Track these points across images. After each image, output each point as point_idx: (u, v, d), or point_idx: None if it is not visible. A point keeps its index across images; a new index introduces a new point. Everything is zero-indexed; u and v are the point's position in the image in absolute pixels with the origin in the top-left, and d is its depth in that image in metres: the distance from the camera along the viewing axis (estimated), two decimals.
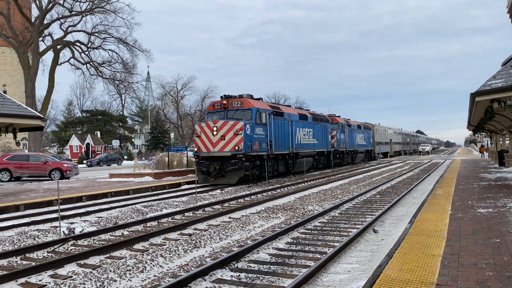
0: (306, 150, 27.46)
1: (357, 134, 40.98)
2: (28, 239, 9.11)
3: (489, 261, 5.46)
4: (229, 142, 19.64)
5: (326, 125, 31.89)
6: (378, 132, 53.87)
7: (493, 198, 11.51)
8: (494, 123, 23.54)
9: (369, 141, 46.74)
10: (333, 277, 6.12)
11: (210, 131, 20.02)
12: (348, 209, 12.37)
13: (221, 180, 19.63)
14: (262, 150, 21.05)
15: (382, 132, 56.79)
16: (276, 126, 22.81)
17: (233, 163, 19.42)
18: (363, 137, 43.77)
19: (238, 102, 21.20)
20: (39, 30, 41.75)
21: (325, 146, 31.52)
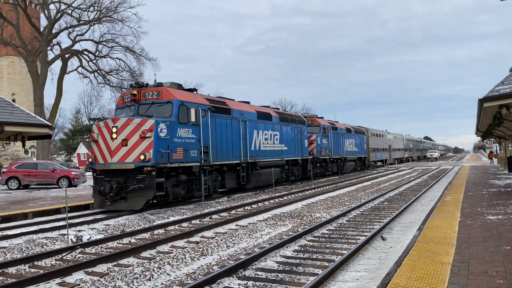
0: (270, 159, 21.76)
1: (346, 139, 35.36)
2: (37, 247, 9.15)
3: (499, 269, 5.39)
4: (132, 149, 13.69)
5: (301, 127, 26.04)
6: (374, 137, 47.97)
7: (503, 204, 11.38)
8: (502, 129, 23.33)
9: (362, 147, 40.80)
10: (341, 285, 6.07)
11: (108, 133, 14.04)
12: (356, 216, 12.29)
13: (122, 205, 13.69)
14: (191, 159, 15.26)
15: (378, 137, 50.69)
16: (217, 127, 17.23)
17: (139, 179, 13.60)
18: (354, 142, 37.87)
19: (154, 92, 15.18)
20: (47, 40, 42.33)
21: (299, 153, 25.59)
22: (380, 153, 50.50)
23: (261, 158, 20.88)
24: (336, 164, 33.33)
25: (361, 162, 41.36)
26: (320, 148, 29.19)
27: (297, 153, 25.31)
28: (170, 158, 14.20)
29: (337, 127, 33.79)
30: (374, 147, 47.06)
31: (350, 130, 37.13)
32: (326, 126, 30.96)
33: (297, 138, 25.40)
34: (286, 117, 24.70)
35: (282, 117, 24.00)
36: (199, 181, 15.82)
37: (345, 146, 35.12)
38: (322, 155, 29.67)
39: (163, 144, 13.98)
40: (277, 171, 22.70)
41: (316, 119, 30.81)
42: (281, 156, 23.33)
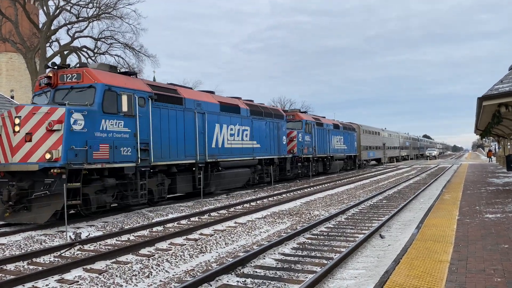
0: (236, 158, 18.71)
1: (333, 136, 32.01)
2: (35, 243, 9.16)
3: (497, 267, 5.41)
4: (38, 145, 10.90)
5: (278, 122, 22.98)
6: (366, 134, 44.08)
7: (501, 203, 11.41)
8: (501, 128, 23.36)
9: (351, 145, 37.21)
10: (339, 283, 6.08)
11: (11, 125, 11.20)
12: (354, 214, 12.31)
13: (24, 217, 10.86)
14: (121, 159, 12.38)
15: (371, 134, 46.73)
16: (163, 120, 14.32)
17: (47, 184, 10.86)
18: (343, 140, 34.46)
19: (74, 74, 12.21)
20: (46, 36, 42.25)
21: (276, 151, 22.42)
22: (373, 151, 46.80)
23: (224, 157, 17.77)
24: (321, 163, 30.30)
25: (351, 161, 37.98)
26: (301, 145, 25.94)
27: (273, 151, 22.14)
28: (89, 157, 11.38)
29: (323, 122, 30.32)
30: (366, 145, 43.40)
31: (338, 126, 33.80)
32: (309, 121, 27.63)
33: (273, 134, 22.27)
34: (259, 110, 21.40)
35: (253, 110, 20.75)
36: (135, 186, 13.04)
37: (332, 143, 31.65)
38: (304, 153, 26.34)
39: (79, 139, 11.19)
40: (247, 172, 19.78)
41: (298, 113, 27.49)
42: (252, 154, 20.15)
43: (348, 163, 36.92)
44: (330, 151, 31.19)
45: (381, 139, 51.18)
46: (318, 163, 29.80)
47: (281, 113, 23.93)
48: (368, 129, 45.50)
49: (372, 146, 46.13)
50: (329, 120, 33.41)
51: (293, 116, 26.87)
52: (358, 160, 39.93)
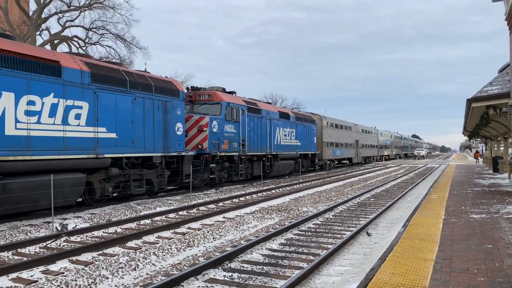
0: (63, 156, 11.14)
1: (279, 129, 24.50)
2: (20, 234, 9.06)
3: (481, 267, 5.49)
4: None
5: (167, 101, 15.21)
6: (331, 129, 36.35)
7: (487, 204, 11.57)
8: (489, 129, 23.69)
9: (310, 141, 29.40)
10: (325, 279, 6.12)
11: None
12: (342, 211, 12.38)
13: None
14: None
15: (339, 129, 38.72)
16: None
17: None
18: (295, 133, 26.90)
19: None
20: (36, 24, 41.61)
21: (161, 146, 14.86)
22: (342, 149, 39.25)
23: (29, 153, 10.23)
24: (258, 163, 22.06)
25: (308, 160, 30.09)
26: (218, 138, 18.01)
27: (157, 146, 14.56)
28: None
29: (261, 108, 22.54)
30: (331, 141, 35.82)
31: (286, 115, 26.02)
32: (235, 105, 19.66)
33: (154, 120, 14.50)
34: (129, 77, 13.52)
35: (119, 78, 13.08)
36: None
37: (277, 137, 24.09)
38: (223, 149, 18.46)
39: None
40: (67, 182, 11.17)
41: (216, 93, 19.07)
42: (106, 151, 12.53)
43: (304, 163, 29.15)
44: (272, 148, 23.34)
45: (353, 135, 43.68)
46: (253, 163, 21.83)
47: (174, 88, 15.83)
48: (334, 122, 37.82)
49: (340, 143, 38.60)
50: (274, 106, 26.45)
51: (209, 97, 18.85)
52: (319, 160, 32.47)
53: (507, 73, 13.15)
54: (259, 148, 22.15)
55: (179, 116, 15.98)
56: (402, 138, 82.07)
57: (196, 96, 19.13)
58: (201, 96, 19.08)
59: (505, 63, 14.79)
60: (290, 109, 30.12)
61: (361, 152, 47.21)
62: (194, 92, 19.38)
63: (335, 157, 37.44)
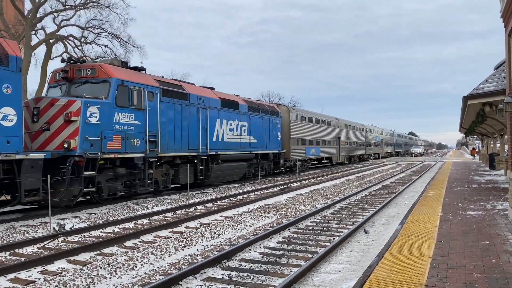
0: None
1: (225, 121, 19.09)
2: (18, 234, 9.03)
3: (477, 263, 5.52)
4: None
5: None
6: (302, 123, 29.60)
7: (483, 200, 11.63)
8: (485, 126, 23.78)
9: (271, 138, 23.75)
10: (323, 276, 6.14)
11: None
12: (339, 209, 12.42)
13: None
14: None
15: (312, 124, 31.91)
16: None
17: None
18: (249, 128, 21.27)
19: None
20: (31, 24, 41.40)
21: None
22: (318, 147, 32.59)
23: None
24: (185, 168, 15.93)
25: (269, 161, 24.12)
26: (100, 133, 12.33)
27: None
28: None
29: (188, 93, 16.53)
30: (303, 138, 29.29)
31: (233, 104, 20.13)
32: (136, 85, 13.63)
33: None
34: None
35: None
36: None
37: (218, 132, 18.48)
38: (111, 149, 12.67)
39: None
40: None
41: (103, 66, 13.34)
42: None
43: (264, 165, 23.41)
44: (209, 146, 17.72)
45: (333, 131, 37.54)
46: (177, 168, 16.00)
47: None
48: (306, 115, 31.08)
49: (315, 140, 31.80)
50: (213, 92, 19.31)
51: (93, 72, 13.13)
52: (285, 160, 26.40)
53: (502, 70, 13.20)
54: (186, 146, 16.25)
55: (6, 96, 10.07)
56: (394, 134, 73.92)
57: (75, 72, 13.12)
58: (82, 72, 13.13)
59: (501, 60, 14.85)
60: (240, 96, 22.41)
61: (343, 151, 40.76)
62: (72, 65, 13.23)
63: (309, 156, 30.82)
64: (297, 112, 29.59)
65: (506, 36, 8.76)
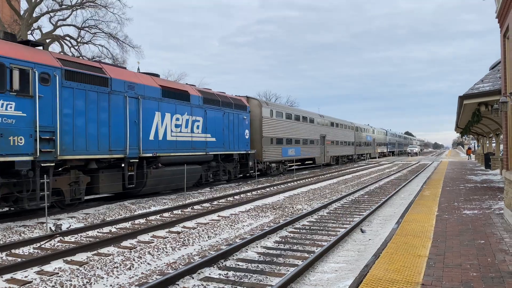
0: None
1: (169, 115, 15.76)
2: (14, 234, 9.01)
3: (473, 262, 5.55)
4: None
5: None
6: (277, 120, 25.87)
7: (479, 200, 11.69)
8: (481, 126, 23.89)
9: (236, 136, 20.35)
10: (320, 276, 6.16)
11: None
12: (336, 208, 12.44)
13: None
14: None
15: (291, 121, 28.26)
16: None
17: None
18: (205, 124, 17.82)
19: None
20: (28, 23, 41.26)
21: None
22: (298, 147, 29.09)
23: None
24: (109, 175, 13.13)
25: (234, 164, 20.61)
26: None
27: None
28: None
29: (109, 77, 13.03)
30: (279, 137, 25.81)
31: (182, 94, 16.57)
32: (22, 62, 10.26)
33: None
34: None
35: None
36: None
37: (159, 129, 15.15)
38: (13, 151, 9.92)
39: None
40: None
41: None
42: None
43: (226, 168, 19.96)
44: (142, 146, 14.11)
45: (317, 130, 33.44)
46: (96, 174, 12.68)
47: None
48: (283, 111, 27.48)
49: (294, 139, 28.34)
50: (152, 78, 15.58)
51: None
52: (256, 162, 22.84)
53: (498, 70, 13.26)
54: (106, 146, 12.75)
55: None
56: (388, 133, 69.46)
57: None
58: None
59: (496, 60, 14.91)
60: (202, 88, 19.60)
61: (329, 151, 36.68)
62: None
63: (286, 157, 27.10)
64: (272, 107, 25.70)
65: (502, 36, 8.80)
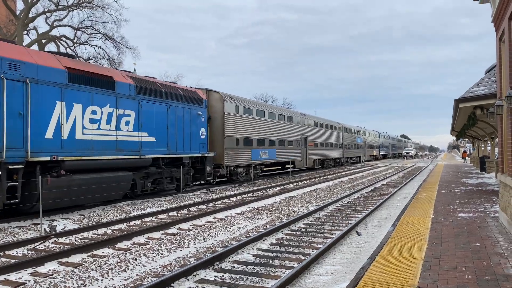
0: None
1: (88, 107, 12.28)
2: (8, 236, 8.94)
3: (469, 265, 5.56)
4: None
5: None
6: (245, 117, 22.41)
7: (474, 203, 11.72)
8: (476, 129, 24.00)
9: (190, 135, 17.16)
10: (316, 278, 6.15)
11: None
12: (332, 211, 12.44)
13: None
14: None
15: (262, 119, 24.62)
16: None
17: None
18: (139, 119, 14.20)
19: None
20: (24, 24, 41.09)
21: None
22: (272, 149, 25.49)
23: None
24: None
25: (187, 169, 17.24)
26: None
27: None
28: None
29: None
30: (247, 137, 22.36)
31: (103, 81, 12.97)
32: None
33: None
34: None
35: None
36: None
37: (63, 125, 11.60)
38: None
39: None
40: None
41: None
42: None
43: (173, 174, 16.22)
44: (31, 146, 10.66)
45: (296, 130, 29.68)
46: None
47: None
48: (252, 107, 23.73)
49: (267, 140, 24.74)
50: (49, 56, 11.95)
51: None
52: (217, 167, 19.70)
53: (493, 74, 13.33)
54: None
55: None
56: (380, 136, 65.36)
57: None
58: None
59: (492, 64, 14.99)
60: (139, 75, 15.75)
61: (312, 154, 32.58)
62: None
63: (257, 161, 23.64)
64: (237, 102, 21.78)
65: (497, 40, 8.85)
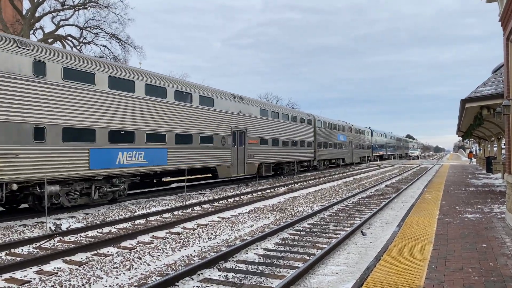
0: None
1: None
2: (14, 234, 8.98)
3: (475, 266, 5.51)
4: None
5: None
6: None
7: (480, 203, 11.63)
8: (482, 130, 23.84)
9: None
10: (321, 278, 6.12)
11: None
12: (337, 211, 12.40)
13: None
14: None
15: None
16: None
17: None
18: None
19: None
20: (30, 23, 41.34)
21: None
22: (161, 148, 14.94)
23: None
24: None
25: None
26: None
27: None
28: None
29: None
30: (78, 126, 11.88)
31: None
32: None
33: None
34: None
35: None
36: None
37: None
38: None
39: None
40: None
41: None
42: None
43: None
44: None
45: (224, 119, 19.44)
46: None
47: None
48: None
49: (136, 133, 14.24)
50: None
51: None
52: None
53: (500, 74, 13.22)
54: None
55: None
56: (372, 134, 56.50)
57: None
58: None
59: (499, 64, 14.87)
60: None
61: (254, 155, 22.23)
62: None
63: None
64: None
65: (505, 40, 8.77)
